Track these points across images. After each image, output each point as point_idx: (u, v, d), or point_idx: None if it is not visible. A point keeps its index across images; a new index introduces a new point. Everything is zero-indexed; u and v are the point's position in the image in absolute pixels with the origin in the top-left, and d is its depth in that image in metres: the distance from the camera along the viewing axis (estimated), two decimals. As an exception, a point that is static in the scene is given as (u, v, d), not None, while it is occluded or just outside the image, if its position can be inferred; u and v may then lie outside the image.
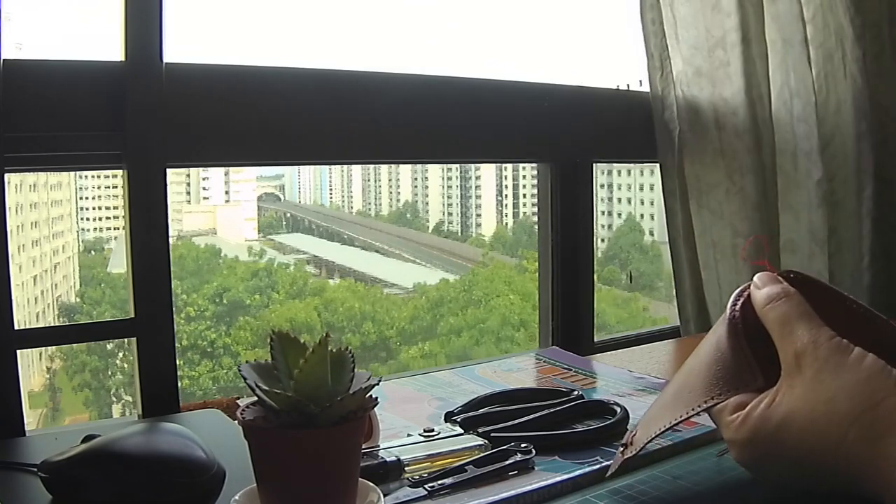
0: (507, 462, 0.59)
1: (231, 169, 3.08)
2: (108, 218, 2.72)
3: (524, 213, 3.37)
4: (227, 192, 3.26)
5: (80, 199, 2.66)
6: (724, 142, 1.16)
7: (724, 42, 1.14)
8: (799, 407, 0.46)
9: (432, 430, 0.65)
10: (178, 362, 0.81)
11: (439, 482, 0.56)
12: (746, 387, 0.50)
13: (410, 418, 0.72)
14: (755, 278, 0.53)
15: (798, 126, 1.16)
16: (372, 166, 3.06)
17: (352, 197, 3.63)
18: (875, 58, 1.19)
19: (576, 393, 0.76)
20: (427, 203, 3.53)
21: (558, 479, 0.57)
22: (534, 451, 0.61)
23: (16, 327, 0.72)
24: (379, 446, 0.60)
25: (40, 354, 2.45)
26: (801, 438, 0.46)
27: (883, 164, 1.20)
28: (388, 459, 0.58)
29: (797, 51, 1.15)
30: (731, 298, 0.54)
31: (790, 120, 1.18)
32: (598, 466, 0.59)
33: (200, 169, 2.94)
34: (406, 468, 0.58)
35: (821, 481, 0.47)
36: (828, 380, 0.45)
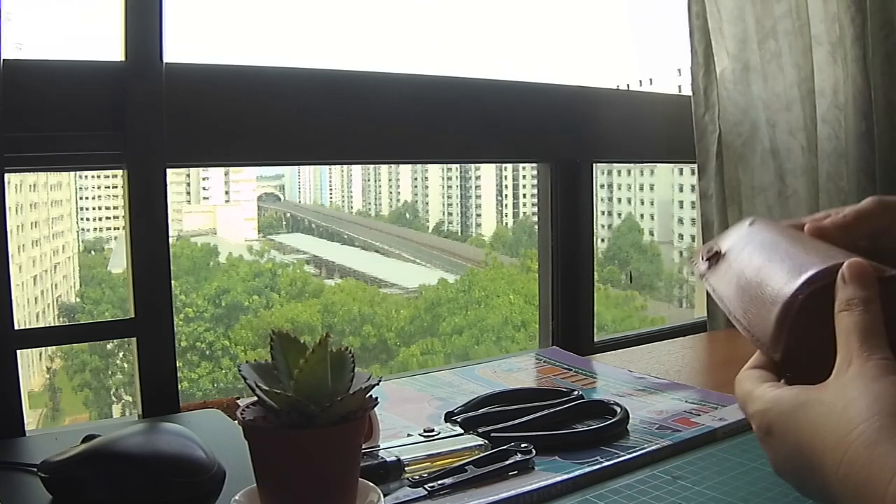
0: (507, 462, 0.59)
1: (231, 169, 3.09)
2: (108, 218, 2.73)
3: (524, 213, 3.37)
4: (227, 192, 3.26)
5: (80, 199, 2.67)
6: (777, 141, 1.11)
7: (775, 32, 1.09)
8: (824, 399, 0.46)
9: (432, 430, 0.65)
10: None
11: (439, 482, 0.56)
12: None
13: (410, 418, 0.72)
14: (846, 267, 0.45)
15: (822, 127, 1.13)
16: (372, 166, 3.07)
17: (352, 197, 3.63)
18: (887, 57, 1.17)
19: (576, 393, 0.76)
20: (427, 203, 3.53)
21: (558, 479, 0.57)
22: (534, 451, 0.61)
23: (16, 327, 0.72)
24: (379, 446, 0.60)
25: (40, 354, 2.45)
26: (811, 425, 0.45)
27: (893, 166, 1.17)
28: (388, 459, 0.58)
29: (825, 49, 1.12)
30: (810, 274, 0.44)
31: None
32: (598, 466, 0.59)
33: (200, 169, 2.94)
34: (406, 468, 0.58)
35: (809, 487, 0.47)
36: (860, 385, 0.45)
